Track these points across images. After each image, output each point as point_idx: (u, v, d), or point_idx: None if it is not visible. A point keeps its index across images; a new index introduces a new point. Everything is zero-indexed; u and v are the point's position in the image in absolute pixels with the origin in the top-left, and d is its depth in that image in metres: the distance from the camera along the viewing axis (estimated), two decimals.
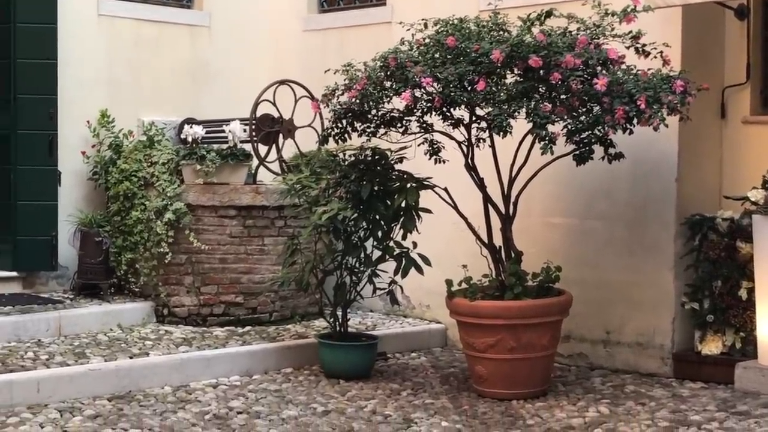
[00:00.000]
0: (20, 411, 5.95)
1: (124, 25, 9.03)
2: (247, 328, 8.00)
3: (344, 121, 6.94)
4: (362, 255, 7.19)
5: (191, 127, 8.56)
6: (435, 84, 6.39)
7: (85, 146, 8.69)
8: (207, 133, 8.52)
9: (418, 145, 6.96)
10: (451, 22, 6.66)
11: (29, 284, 8.41)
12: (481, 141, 6.90)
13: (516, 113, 6.23)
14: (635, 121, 6.17)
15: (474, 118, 6.75)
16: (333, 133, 7.01)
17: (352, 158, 7.15)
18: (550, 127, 6.14)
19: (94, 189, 8.73)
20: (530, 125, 6.21)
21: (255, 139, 8.40)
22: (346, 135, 7.01)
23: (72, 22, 8.59)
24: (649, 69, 6.35)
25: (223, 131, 8.42)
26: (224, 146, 8.26)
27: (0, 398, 5.99)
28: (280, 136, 8.57)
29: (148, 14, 9.20)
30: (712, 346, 6.95)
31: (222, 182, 8.14)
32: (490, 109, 6.33)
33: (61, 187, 8.49)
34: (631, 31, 6.42)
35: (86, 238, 8.32)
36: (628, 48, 6.43)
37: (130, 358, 6.89)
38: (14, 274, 8.30)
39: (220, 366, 6.98)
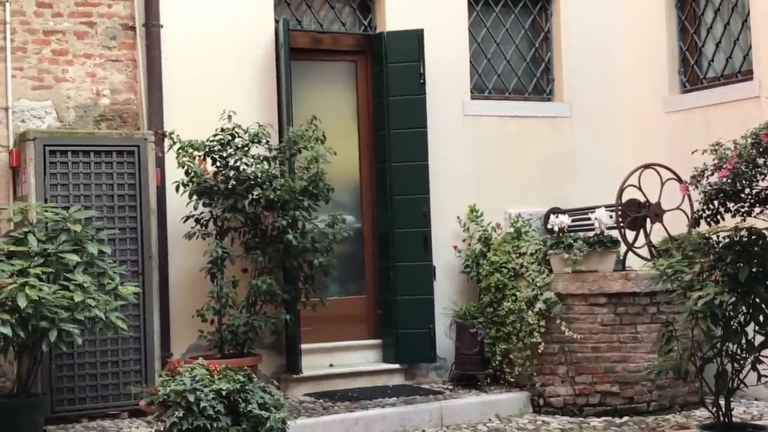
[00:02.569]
0: None
1: (488, 122, 9.39)
2: (625, 418, 7.84)
3: (716, 202, 6.74)
4: (743, 340, 6.85)
5: (557, 216, 8.65)
6: None
7: (456, 241, 9.05)
8: (573, 221, 8.58)
9: None
10: None
11: (410, 376, 8.81)
12: None
13: None
14: None
15: None
16: (704, 214, 6.81)
17: (727, 240, 6.87)
18: None
19: (466, 281, 9.03)
20: None
21: (622, 225, 8.34)
22: (718, 216, 6.79)
23: (440, 125, 9.05)
24: None
25: (589, 219, 8.44)
26: (591, 234, 8.28)
27: None
28: (648, 220, 8.44)
29: (511, 111, 9.51)
30: None
31: (590, 270, 8.14)
32: None
33: (435, 281, 8.87)
34: None
35: (461, 329, 8.60)
36: None
37: None
38: (397, 366, 8.73)
39: None
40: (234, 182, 7.83)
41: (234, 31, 8.43)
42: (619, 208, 8.33)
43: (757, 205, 6.66)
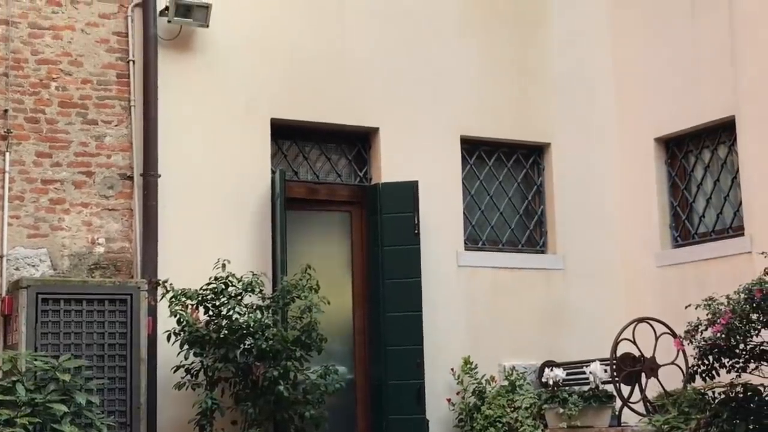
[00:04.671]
0: None
1: (481, 273, 9.42)
2: None
3: (710, 357, 6.72)
4: None
5: (551, 370, 8.58)
6: None
7: (450, 393, 8.93)
8: (567, 375, 8.50)
9: None
10: None
11: None
12: None
13: None
14: None
15: None
16: (699, 370, 6.79)
17: (723, 396, 6.83)
18: None
19: None
20: None
21: (617, 379, 8.27)
22: (713, 372, 6.76)
23: (434, 275, 9.06)
24: None
25: (584, 373, 8.37)
26: (585, 388, 8.20)
27: None
28: (643, 375, 8.38)
29: (505, 262, 9.55)
30: None
31: (586, 425, 8.02)
32: None
33: None
34: None
35: None
36: None
37: None
38: None
39: None
40: (226, 331, 7.76)
41: (231, 181, 8.54)
42: (614, 362, 8.28)
43: (752, 360, 6.64)
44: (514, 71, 9.83)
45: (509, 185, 9.87)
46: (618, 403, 8.28)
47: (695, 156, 9.52)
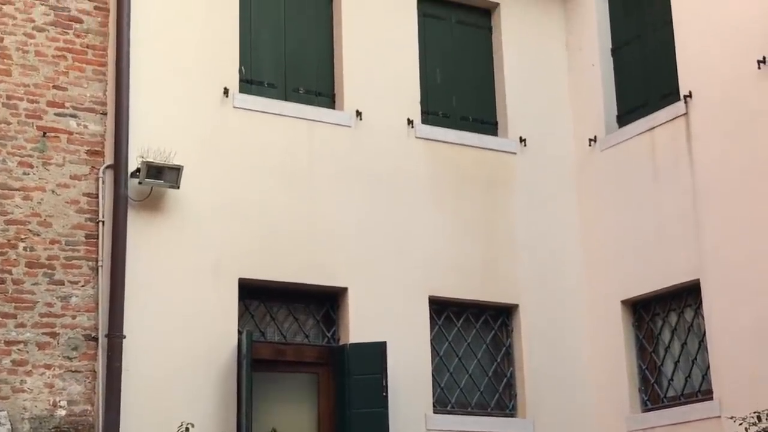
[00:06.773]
0: None
1: None
2: None
3: None
4: None
5: None
6: None
7: None
8: None
9: None
10: None
11: None
12: None
13: None
14: None
15: None
16: None
17: None
18: None
19: None
20: None
21: None
22: None
23: None
24: None
25: None
26: None
27: None
28: None
29: (474, 426, 9.37)
30: None
31: None
32: None
33: None
34: None
35: None
36: None
37: None
38: None
39: None
40: None
41: (197, 342, 8.45)
42: None
43: None
44: (482, 233, 9.92)
45: (478, 347, 9.83)
46: None
47: (662, 319, 9.55)
